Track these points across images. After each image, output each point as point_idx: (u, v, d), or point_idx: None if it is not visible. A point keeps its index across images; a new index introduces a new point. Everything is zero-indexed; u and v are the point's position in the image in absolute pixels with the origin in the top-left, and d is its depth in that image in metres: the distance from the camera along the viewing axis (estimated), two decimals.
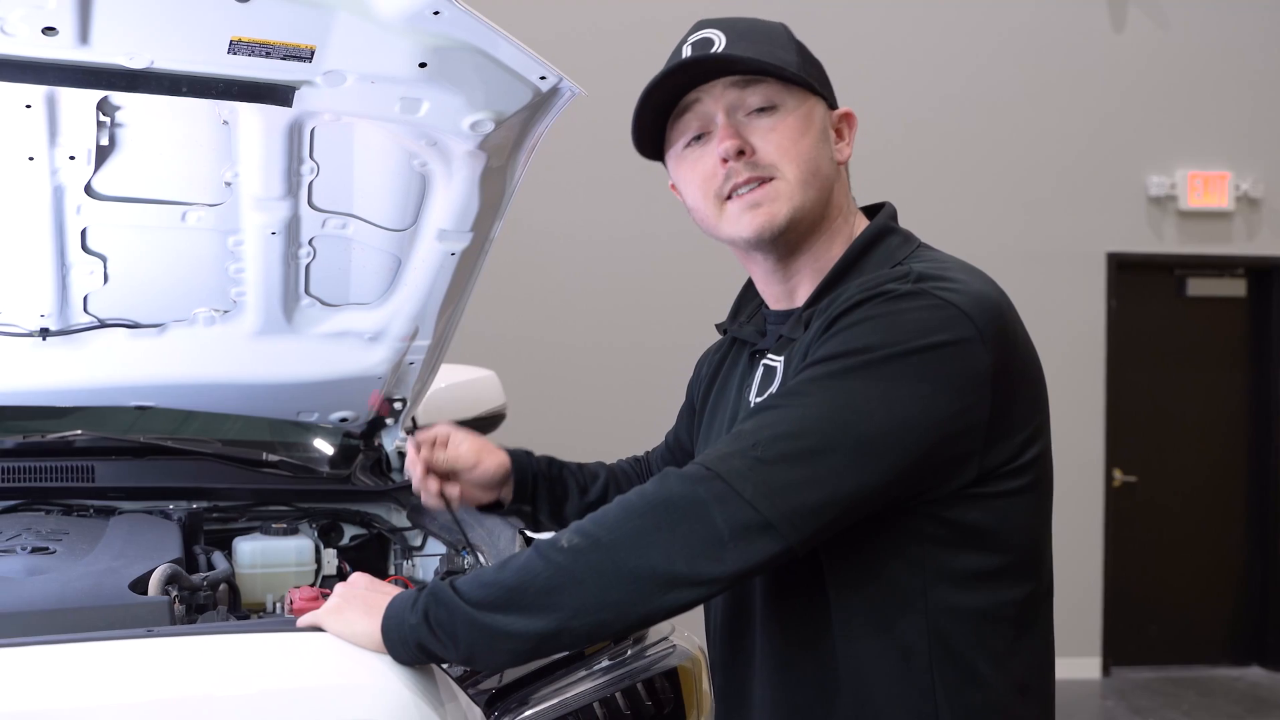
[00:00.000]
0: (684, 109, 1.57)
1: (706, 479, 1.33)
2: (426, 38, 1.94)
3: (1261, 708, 6.57)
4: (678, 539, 1.31)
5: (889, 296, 1.41)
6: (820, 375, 1.38)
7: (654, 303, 6.67)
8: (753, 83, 1.53)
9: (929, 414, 1.36)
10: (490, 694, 1.71)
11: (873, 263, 1.55)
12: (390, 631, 1.45)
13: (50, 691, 1.45)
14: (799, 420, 1.35)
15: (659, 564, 1.31)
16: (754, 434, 1.35)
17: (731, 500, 1.31)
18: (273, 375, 2.72)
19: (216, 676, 1.50)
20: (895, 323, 1.39)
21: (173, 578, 2.06)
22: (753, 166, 1.52)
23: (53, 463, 2.66)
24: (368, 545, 2.80)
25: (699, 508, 1.31)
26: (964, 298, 1.41)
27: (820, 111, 1.58)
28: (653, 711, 1.91)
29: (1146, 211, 7.21)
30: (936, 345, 1.37)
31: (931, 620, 1.44)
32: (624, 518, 1.34)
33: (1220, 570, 7.37)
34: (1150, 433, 7.25)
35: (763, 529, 1.31)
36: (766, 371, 1.57)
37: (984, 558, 1.45)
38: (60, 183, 2.21)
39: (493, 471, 1.98)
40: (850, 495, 1.35)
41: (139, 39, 1.89)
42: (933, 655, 1.44)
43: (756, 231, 1.53)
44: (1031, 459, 1.46)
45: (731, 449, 1.35)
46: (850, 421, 1.34)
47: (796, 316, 1.56)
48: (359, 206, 2.39)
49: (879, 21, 6.82)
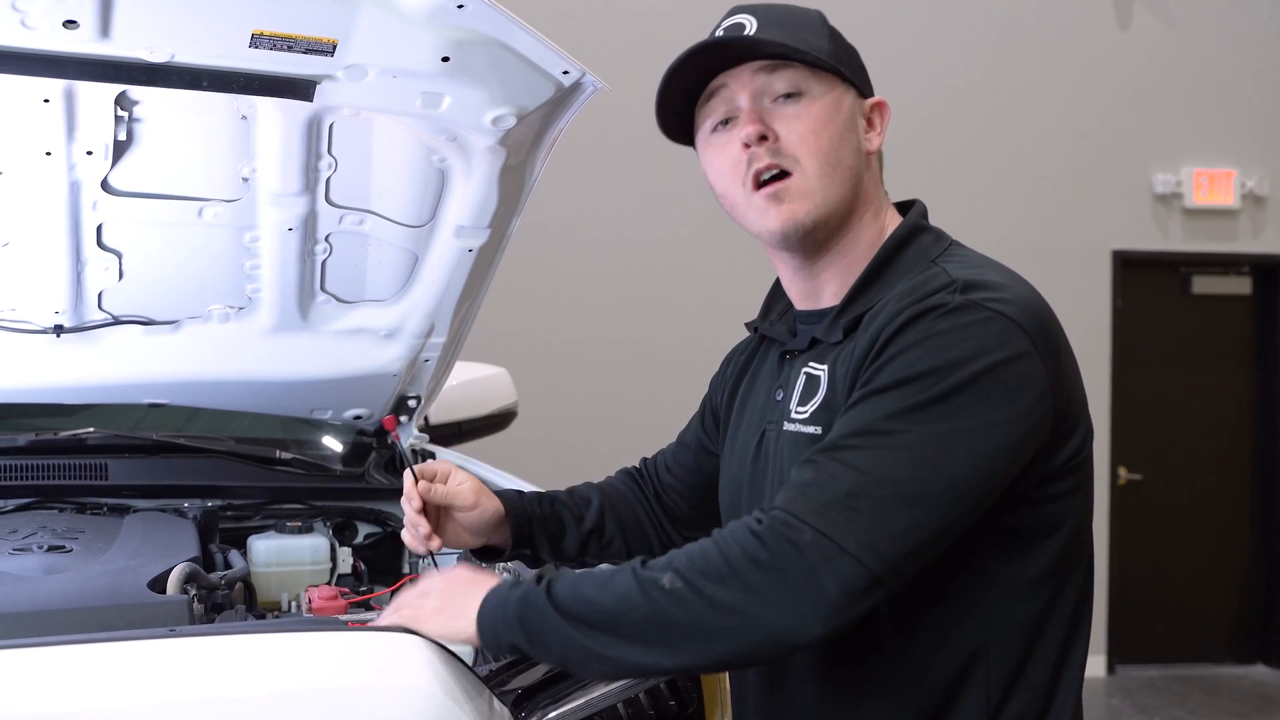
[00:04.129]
0: (711, 93, 1.56)
1: (812, 539, 1.29)
2: (450, 31, 1.92)
3: (1267, 706, 6.57)
4: (784, 600, 1.29)
5: (940, 312, 1.39)
6: (896, 411, 1.35)
7: (666, 300, 6.66)
8: (780, 68, 1.52)
9: (1007, 439, 1.36)
10: (517, 694, 1.70)
11: (905, 262, 1.53)
12: (485, 631, 1.45)
13: (76, 692, 1.43)
14: (889, 466, 1.33)
15: (765, 624, 1.30)
16: (845, 481, 1.32)
17: (838, 559, 1.28)
18: (287, 372, 2.70)
19: (244, 677, 1.48)
20: (953, 342, 1.37)
21: (191, 576, 2.05)
22: (775, 153, 1.51)
23: (66, 460, 2.64)
24: (382, 544, 2.78)
25: (808, 570, 1.29)
26: (1012, 307, 1.40)
27: (849, 100, 1.56)
28: (676, 711, 1.89)
29: (1152, 209, 7.20)
30: (998, 365, 1.36)
31: (988, 628, 1.44)
32: (726, 571, 1.31)
33: (1225, 568, 7.37)
34: (1155, 431, 7.24)
35: (871, 584, 1.30)
36: (809, 380, 1.54)
37: (1037, 562, 1.44)
38: (77, 178, 2.19)
39: (489, 516, 1.87)
40: (946, 531, 1.35)
41: (160, 32, 1.87)
42: (990, 662, 1.44)
43: (782, 228, 1.52)
44: (1082, 459, 1.46)
45: (826, 500, 1.32)
46: (939, 462, 1.33)
47: (830, 320, 1.54)
48: (377, 202, 2.37)
49: (883, 17, 6.80)
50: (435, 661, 1.54)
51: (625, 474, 2.02)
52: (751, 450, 1.64)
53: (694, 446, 1.92)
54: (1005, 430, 1.35)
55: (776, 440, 1.58)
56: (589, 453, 2.07)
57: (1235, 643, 7.36)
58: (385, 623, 1.58)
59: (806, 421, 1.51)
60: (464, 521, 1.86)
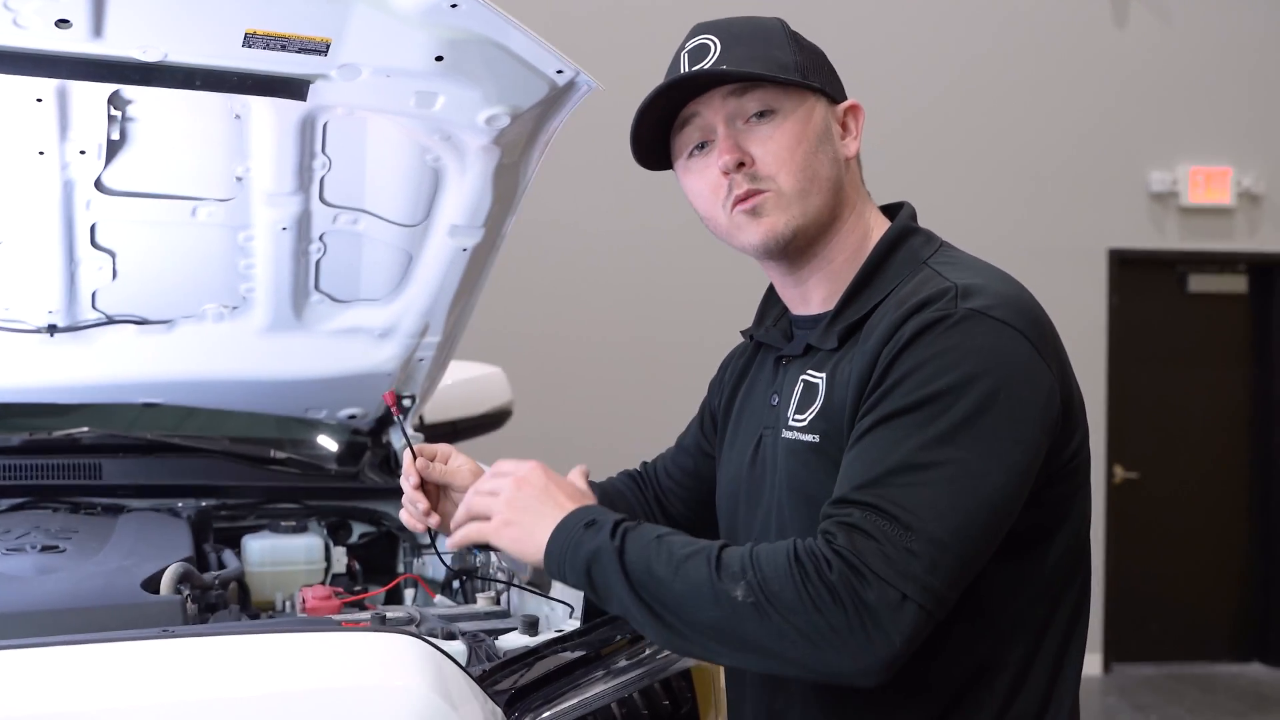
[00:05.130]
0: (684, 121, 1.57)
1: (879, 593, 1.29)
2: (444, 31, 1.92)
3: (1263, 704, 6.57)
4: (850, 648, 1.30)
5: (946, 325, 1.39)
6: (928, 441, 1.35)
7: (661, 299, 6.65)
8: (750, 89, 1.53)
9: (1029, 450, 1.38)
10: (510, 694, 1.70)
11: (896, 264, 1.54)
12: (551, 565, 1.45)
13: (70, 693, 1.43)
14: (935, 502, 1.33)
15: (828, 665, 1.32)
16: (899, 522, 1.32)
17: (902, 610, 1.29)
18: (282, 372, 2.70)
19: (238, 678, 1.48)
20: (963, 357, 1.37)
21: (185, 576, 2.04)
22: (752, 178, 1.52)
23: (59, 460, 2.64)
24: (377, 543, 2.78)
25: (875, 624, 1.29)
26: (1012, 313, 1.41)
27: (820, 110, 1.56)
28: (670, 711, 1.89)
29: (1148, 207, 7.20)
30: (1011, 378, 1.38)
31: (994, 632, 1.45)
32: (798, 605, 1.31)
33: (1222, 566, 7.37)
34: (1152, 429, 7.24)
35: (928, 622, 1.32)
36: (807, 388, 1.54)
37: (1040, 564, 1.45)
38: (70, 177, 2.19)
39: None
40: (988, 551, 1.37)
41: (153, 32, 1.87)
42: (994, 666, 1.45)
43: (763, 240, 1.53)
44: (1081, 458, 1.47)
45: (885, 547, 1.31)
46: (979, 488, 1.35)
47: (824, 326, 1.54)
48: (371, 202, 2.37)
49: (879, 15, 6.80)
50: (428, 662, 1.54)
51: (626, 476, 2.02)
52: (749, 455, 1.64)
53: (693, 451, 1.92)
54: (1027, 443, 1.38)
55: (774, 446, 1.58)
56: (584, 452, 2.05)
57: (1232, 641, 7.36)
58: (457, 532, 1.57)
59: (805, 429, 1.51)
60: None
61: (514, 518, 1.50)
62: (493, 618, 2.17)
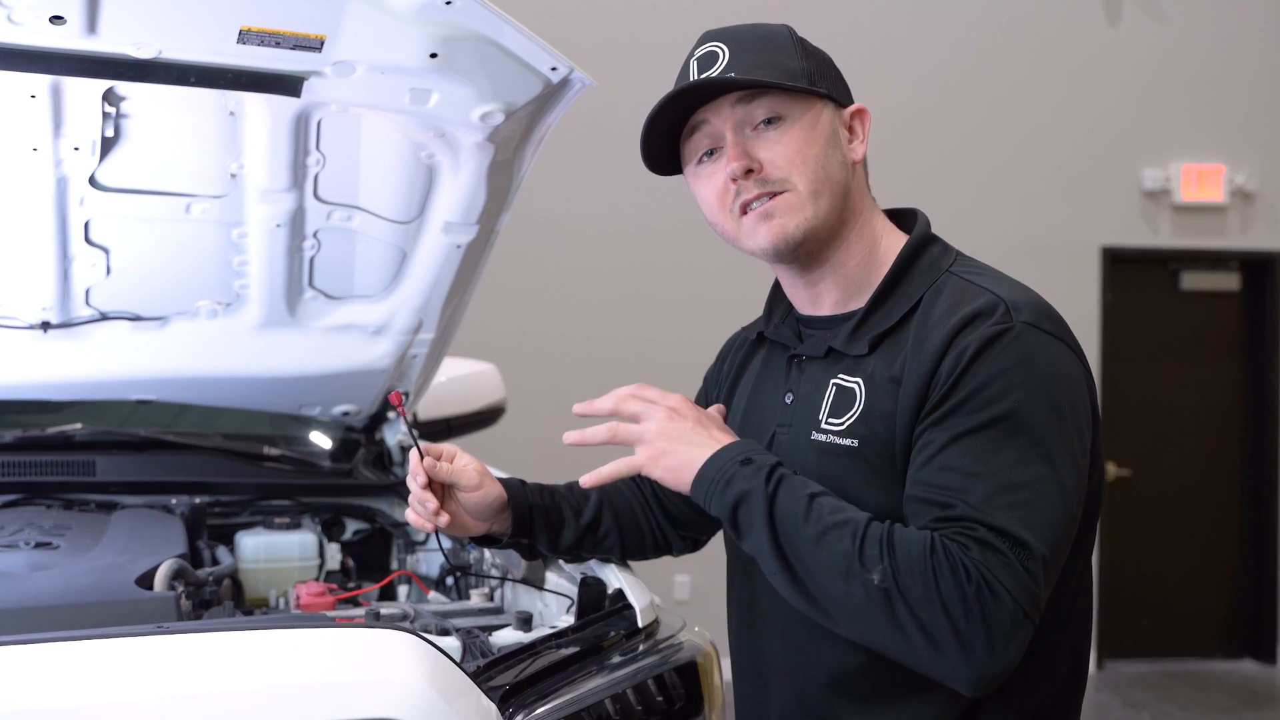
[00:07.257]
0: (693, 128, 1.59)
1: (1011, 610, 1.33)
2: (438, 28, 1.92)
3: (1255, 701, 6.59)
4: (971, 657, 1.33)
5: (1008, 340, 1.43)
6: (1016, 460, 1.39)
7: (655, 296, 6.65)
8: (758, 95, 1.54)
9: (1085, 457, 1.46)
10: (504, 690, 1.70)
11: (919, 273, 1.56)
12: (698, 492, 1.50)
13: (64, 689, 1.43)
14: (1036, 520, 1.37)
15: (943, 665, 1.35)
16: (1018, 543, 1.35)
17: (1022, 627, 1.34)
18: (275, 369, 2.70)
19: (232, 673, 1.48)
20: (1028, 374, 1.42)
21: (179, 573, 2.05)
22: (762, 183, 1.54)
23: (53, 457, 2.64)
24: (370, 540, 2.78)
25: (1001, 639, 1.33)
26: (1057, 325, 1.48)
27: (828, 115, 1.58)
28: (665, 707, 1.89)
29: (1141, 205, 7.21)
30: (1070, 390, 1.44)
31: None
32: (929, 605, 1.34)
33: (1214, 564, 7.38)
34: (1144, 427, 7.25)
35: (1031, 634, 1.36)
36: (842, 392, 1.55)
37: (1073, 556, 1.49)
38: (64, 174, 2.18)
39: (491, 500, 1.86)
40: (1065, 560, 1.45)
41: (148, 28, 1.87)
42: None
43: (773, 243, 1.55)
44: (1100, 452, 1.52)
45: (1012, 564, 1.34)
46: (1065, 502, 1.40)
47: (849, 332, 1.56)
48: (364, 199, 2.37)
49: (873, 15, 6.81)
50: (422, 658, 1.54)
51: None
52: None
53: None
54: (1084, 449, 1.45)
55: (794, 445, 1.58)
56: (578, 450, 2.04)
57: (1224, 638, 7.38)
58: (609, 465, 1.62)
59: (842, 434, 1.52)
60: (467, 504, 1.86)
61: (668, 447, 1.54)
62: (487, 614, 2.17)
